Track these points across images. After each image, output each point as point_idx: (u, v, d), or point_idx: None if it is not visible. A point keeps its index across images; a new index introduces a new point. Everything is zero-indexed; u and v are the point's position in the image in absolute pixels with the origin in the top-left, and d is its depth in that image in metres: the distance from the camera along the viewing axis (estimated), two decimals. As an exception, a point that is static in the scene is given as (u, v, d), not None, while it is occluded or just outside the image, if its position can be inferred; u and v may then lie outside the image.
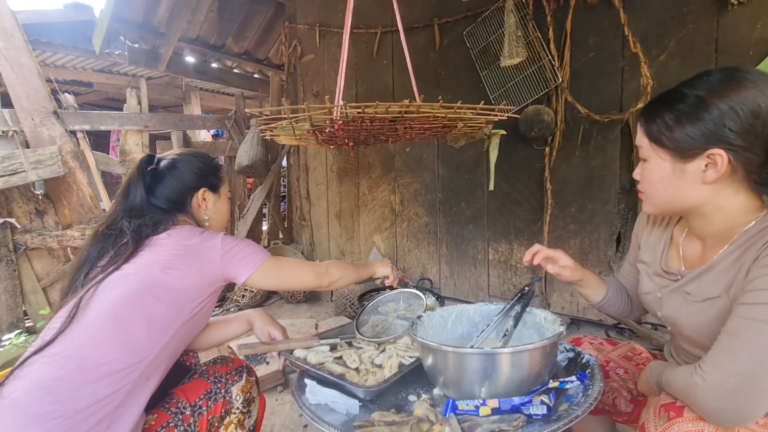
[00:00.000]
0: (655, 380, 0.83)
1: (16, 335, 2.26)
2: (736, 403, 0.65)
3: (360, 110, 1.13)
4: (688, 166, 0.73)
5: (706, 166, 0.72)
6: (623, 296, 1.08)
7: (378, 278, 1.31)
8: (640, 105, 1.92)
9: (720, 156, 0.69)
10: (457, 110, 1.24)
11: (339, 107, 1.17)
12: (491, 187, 2.23)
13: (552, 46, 2.14)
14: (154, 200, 1.09)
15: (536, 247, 1.04)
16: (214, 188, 1.18)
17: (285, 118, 1.29)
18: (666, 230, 0.93)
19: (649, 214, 0.87)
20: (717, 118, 0.69)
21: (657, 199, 0.81)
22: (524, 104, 2.24)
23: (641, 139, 0.80)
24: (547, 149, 2.26)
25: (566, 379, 0.86)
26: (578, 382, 0.86)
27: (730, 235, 0.76)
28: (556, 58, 2.13)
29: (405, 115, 1.21)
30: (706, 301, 0.77)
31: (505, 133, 1.87)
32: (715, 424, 0.68)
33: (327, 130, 1.32)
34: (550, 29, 2.13)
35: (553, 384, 0.85)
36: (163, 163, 1.13)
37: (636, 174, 0.85)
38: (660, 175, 0.77)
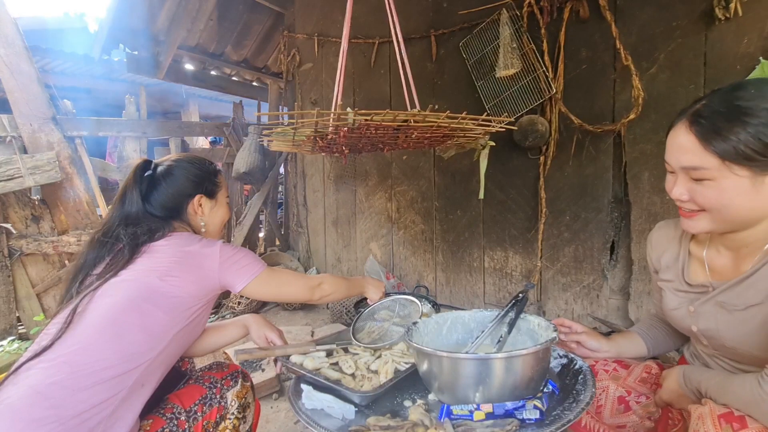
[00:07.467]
0: (694, 388, 0.81)
1: (9, 342, 2.24)
2: None
3: (369, 117, 1.15)
4: None
5: None
6: (660, 333, 1.09)
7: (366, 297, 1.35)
8: (632, 116, 1.96)
9: None
10: (461, 120, 1.27)
11: (349, 113, 1.17)
12: (481, 195, 2.26)
13: (546, 57, 2.18)
14: (149, 207, 1.08)
15: (569, 324, 1.08)
16: (211, 194, 1.17)
17: (293, 122, 1.29)
18: (680, 246, 0.94)
19: (698, 233, 0.83)
20: None
21: (728, 216, 0.76)
22: (519, 114, 2.27)
23: (703, 160, 0.75)
24: (542, 158, 2.29)
25: (554, 385, 0.88)
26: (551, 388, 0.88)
27: (765, 243, 0.77)
28: (549, 69, 2.18)
29: (411, 124, 1.24)
30: (748, 309, 0.76)
31: (494, 144, 1.91)
32: None
33: (330, 137, 1.33)
34: (544, 41, 2.18)
35: (546, 389, 0.86)
36: (159, 169, 1.13)
37: (680, 194, 0.80)
38: (737, 192, 0.74)
